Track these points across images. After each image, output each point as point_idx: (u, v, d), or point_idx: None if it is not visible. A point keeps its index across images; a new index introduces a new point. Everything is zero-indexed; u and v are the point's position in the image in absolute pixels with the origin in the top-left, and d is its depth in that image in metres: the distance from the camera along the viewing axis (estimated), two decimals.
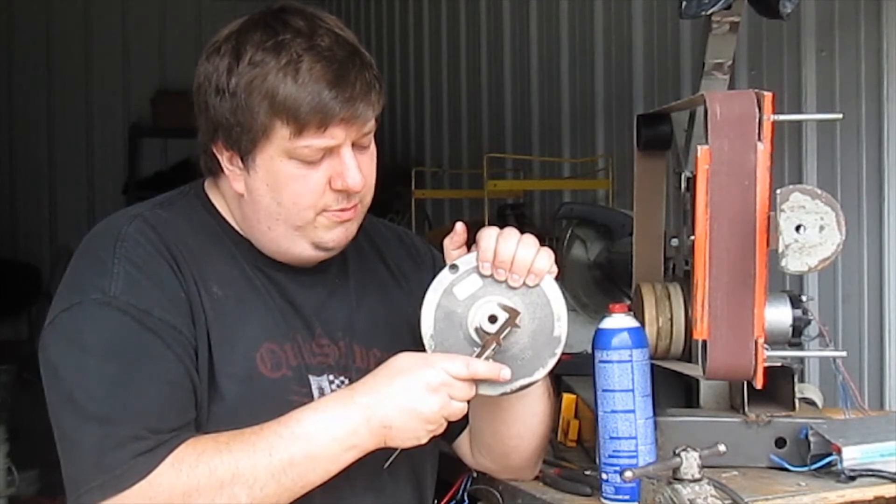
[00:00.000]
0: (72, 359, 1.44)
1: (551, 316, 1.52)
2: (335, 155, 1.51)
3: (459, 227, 1.57)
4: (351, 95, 1.47)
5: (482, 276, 1.52)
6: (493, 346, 1.48)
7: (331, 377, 1.58)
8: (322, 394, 1.56)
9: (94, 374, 1.42)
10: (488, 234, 1.53)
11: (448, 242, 1.57)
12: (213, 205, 1.61)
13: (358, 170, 1.52)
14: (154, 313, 1.45)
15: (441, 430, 1.48)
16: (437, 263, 1.68)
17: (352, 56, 1.50)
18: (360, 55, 1.51)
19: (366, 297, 1.67)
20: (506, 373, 1.48)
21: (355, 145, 1.52)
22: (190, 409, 1.46)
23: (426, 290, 1.53)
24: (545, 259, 1.52)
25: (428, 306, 1.52)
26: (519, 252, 1.51)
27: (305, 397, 1.53)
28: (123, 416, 1.40)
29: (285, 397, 1.51)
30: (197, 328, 1.48)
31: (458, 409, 1.47)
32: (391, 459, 1.48)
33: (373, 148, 1.57)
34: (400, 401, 1.45)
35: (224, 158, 1.55)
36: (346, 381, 1.58)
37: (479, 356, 1.48)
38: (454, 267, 1.53)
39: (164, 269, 1.49)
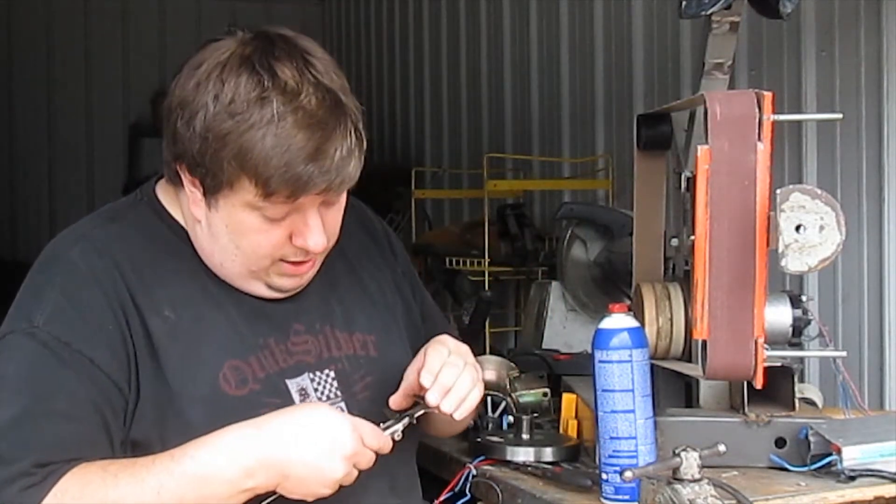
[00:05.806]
0: None
1: None
2: (300, 211, 1.46)
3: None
4: (328, 168, 1.41)
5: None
6: (404, 423, 1.52)
7: (311, 375, 1.56)
8: (304, 395, 1.54)
9: (5, 406, 1.41)
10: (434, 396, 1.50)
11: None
12: (168, 213, 1.57)
13: (321, 232, 1.48)
14: (73, 345, 1.42)
15: (331, 493, 1.45)
16: (391, 239, 1.76)
17: (337, 116, 1.42)
18: (345, 113, 1.44)
19: (337, 283, 1.65)
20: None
21: (324, 203, 1.48)
22: (98, 444, 1.42)
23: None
24: (478, 395, 1.55)
25: None
26: (464, 405, 1.52)
27: (283, 406, 1.49)
28: (19, 453, 1.37)
29: (256, 412, 1.46)
30: (138, 359, 1.45)
31: (353, 478, 1.45)
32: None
33: (343, 197, 1.52)
34: (308, 456, 1.40)
35: (186, 180, 1.49)
36: (332, 374, 1.57)
37: (386, 429, 1.50)
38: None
39: (95, 298, 1.46)
